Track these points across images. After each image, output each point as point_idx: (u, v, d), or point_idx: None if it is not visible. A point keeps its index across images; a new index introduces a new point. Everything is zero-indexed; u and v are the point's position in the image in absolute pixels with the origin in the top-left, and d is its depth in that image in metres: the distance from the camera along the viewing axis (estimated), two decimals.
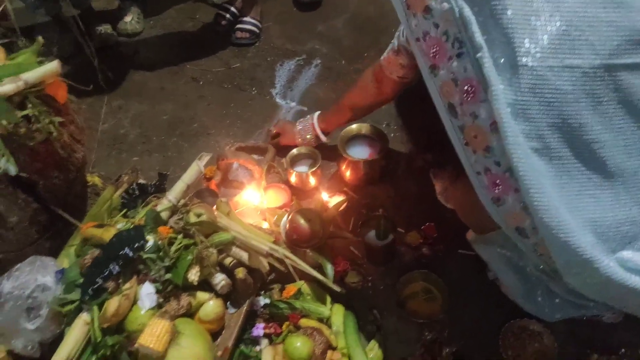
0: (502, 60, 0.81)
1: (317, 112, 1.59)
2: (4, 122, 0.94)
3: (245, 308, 1.23)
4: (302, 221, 1.28)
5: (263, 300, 1.31)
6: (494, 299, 1.28)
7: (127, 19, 2.29)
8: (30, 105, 0.98)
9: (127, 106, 2.00)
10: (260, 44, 2.22)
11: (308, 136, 1.59)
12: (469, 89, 0.83)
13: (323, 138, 1.58)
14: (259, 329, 1.26)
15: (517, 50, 0.79)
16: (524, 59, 0.79)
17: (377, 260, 1.40)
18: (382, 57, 1.30)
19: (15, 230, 1.06)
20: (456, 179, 1.09)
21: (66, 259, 1.10)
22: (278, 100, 1.97)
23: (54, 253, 1.13)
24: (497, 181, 0.86)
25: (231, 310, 1.23)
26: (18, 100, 0.97)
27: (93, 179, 1.34)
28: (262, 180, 1.56)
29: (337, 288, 1.19)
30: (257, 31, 2.23)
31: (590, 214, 0.84)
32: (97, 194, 1.34)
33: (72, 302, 1.03)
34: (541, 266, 1.06)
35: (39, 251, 1.11)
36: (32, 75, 0.99)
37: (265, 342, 1.26)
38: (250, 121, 1.88)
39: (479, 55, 0.80)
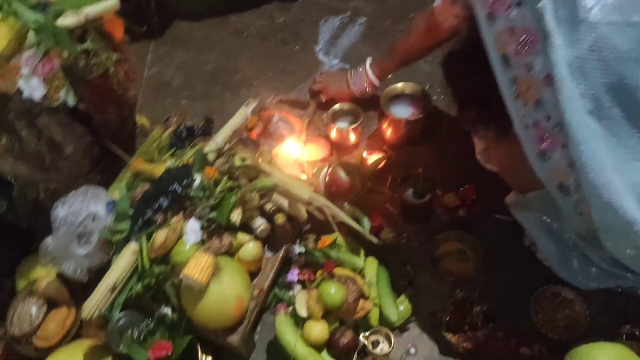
0: (563, 13, 0.79)
1: (369, 59, 1.58)
2: (65, 54, 0.97)
3: (281, 253, 1.27)
4: (342, 174, 1.30)
5: (298, 248, 1.34)
6: (528, 264, 1.28)
7: None
8: (89, 40, 1.00)
9: (172, 53, 2.02)
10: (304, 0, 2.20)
11: (360, 84, 1.57)
12: (526, 39, 0.81)
13: (377, 83, 1.57)
14: (293, 275, 1.30)
15: (579, 4, 0.77)
16: (586, 14, 0.77)
17: (413, 218, 1.41)
18: (435, 4, 1.28)
19: (70, 160, 1.11)
20: (501, 136, 1.08)
21: (116, 192, 1.15)
22: (321, 56, 1.95)
23: (104, 186, 1.17)
24: (545, 136, 0.85)
25: (268, 254, 1.27)
26: (78, 33, 0.99)
27: (142, 119, 1.38)
28: (302, 133, 1.57)
29: (374, 239, 1.21)
30: None
31: (637, 177, 0.83)
32: (144, 135, 1.38)
33: (122, 232, 1.08)
34: (580, 231, 1.05)
35: (90, 183, 1.15)
36: (93, 9, 1.01)
37: (298, 287, 1.30)
38: (292, 75, 1.88)
39: (539, 5, 0.79)
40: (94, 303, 1.04)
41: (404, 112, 1.53)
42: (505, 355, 1.17)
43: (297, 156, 1.51)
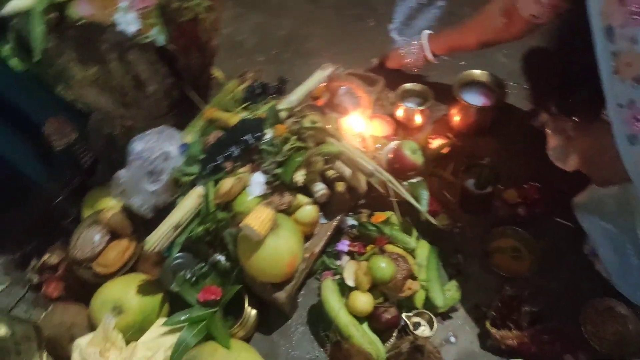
0: None
1: (427, 32, 1.53)
2: None
3: (336, 221, 1.28)
4: (408, 152, 1.29)
5: (351, 221, 1.35)
6: (585, 273, 1.25)
7: None
8: None
9: (247, 15, 2.04)
10: None
11: (413, 55, 1.54)
12: (637, 9, 0.78)
13: (431, 57, 1.54)
14: (344, 245, 1.31)
15: None
16: None
17: (471, 208, 1.39)
18: None
19: (150, 99, 1.15)
20: (586, 124, 1.04)
21: (190, 136, 1.18)
22: (394, 35, 1.93)
23: (178, 129, 1.21)
24: (639, 116, 0.82)
25: (323, 220, 1.28)
26: None
27: (217, 72, 1.40)
28: (368, 108, 1.56)
29: (432, 219, 1.20)
30: None
31: None
32: (217, 87, 1.41)
33: (190, 174, 1.11)
34: None
35: (165, 125, 1.19)
36: None
37: (346, 258, 1.31)
38: (364, 51, 1.86)
39: None
40: (157, 238, 1.08)
41: (476, 99, 1.49)
42: (548, 359, 1.15)
43: (360, 130, 1.50)
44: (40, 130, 1.34)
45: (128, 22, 0.97)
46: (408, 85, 1.56)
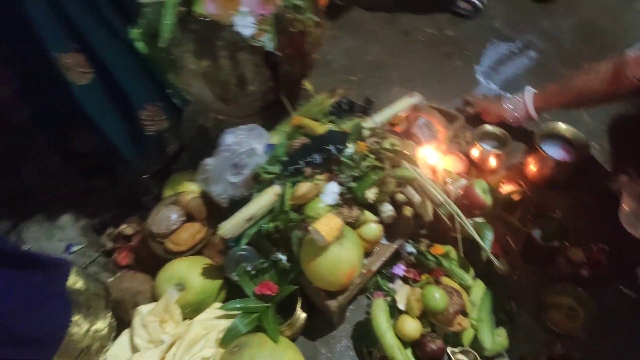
0: None
1: (531, 89, 1.55)
2: (281, 3, 1.08)
3: (396, 245, 1.31)
4: (478, 190, 1.30)
5: (410, 247, 1.38)
6: None
7: None
8: None
9: (341, 38, 2.14)
10: (478, 19, 2.21)
11: (518, 111, 1.54)
12: None
13: (534, 115, 1.54)
14: (399, 269, 1.34)
15: None
16: None
17: (533, 258, 1.38)
18: (628, 53, 1.23)
19: (248, 98, 1.24)
20: None
21: (276, 137, 1.26)
22: (480, 77, 1.96)
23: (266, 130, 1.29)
24: None
25: (384, 241, 1.32)
26: None
27: (308, 84, 1.49)
28: (444, 143, 1.59)
29: (494, 260, 1.21)
30: (481, 7, 2.22)
31: None
32: (305, 98, 1.50)
33: (271, 173, 1.19)
34: None
35: (256, 124, 1.27)
36: None
37: (399, 282, 1.34)
38: (447, 88, 1.91)
39: None
40: (231, 226, 1.15)
41: (555, 153, 1.49)
42: None
43: (433, 162, 1.53)
44: (137, 113, 1.47)
45: (245, 25, 1.07)
46: (488, 127, 1.58)
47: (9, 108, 1.69)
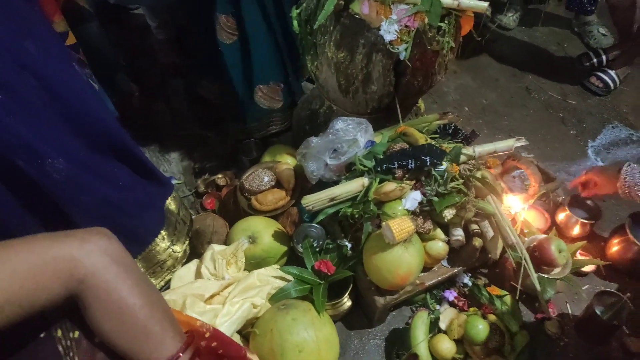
0: None
1: None
2: (427, 21, 1.19)
3: (455, 270, 1.35)
4: (553, 247, 1.32)
5: (467, 279, 1.41)
6: None
7: (509, 14, 2.48)
8: (447, 21, 1.21)
9: (460, 75, 2.22)
10: (605, 99, 2.18)
11: (634, 184, 1.36)
12: None
13: None
14: (451, 294, 1.38)
15: None
16: None
17: (587, 332, 1.35)
18: None
19: (366, 96, 1.35)
20: None
21: (379, 137, 1.37)
22: (589, 152, 1.94)
23: None
24: None
25: (444, 263, 1.37)
26: (443, 13, 1.21)
27: (421, 103, 1.58)
28: (532, 198, 1.60)
29: (548, 312, 1.21)
30: (612, 88, 2.19)
31: None
32: (415, 114, 1.59)
33: (365, 166, 1.29)
34: None
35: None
36: (468, 2, 1.21)
37: (445, 306, 1.37)
38: (553, 150, 1.91)
39: None
40: (314, 200, 1.26)
41: None
42: None
43: (516, 211, 1.56)
44: (259, 85, 1.64)
45: (389, 32, 1.19)
46: (583, 196, 1.57)
47: (162, 51, 1.96)
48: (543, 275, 1.32)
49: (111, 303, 0.64)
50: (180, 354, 0.66)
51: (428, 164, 1.22)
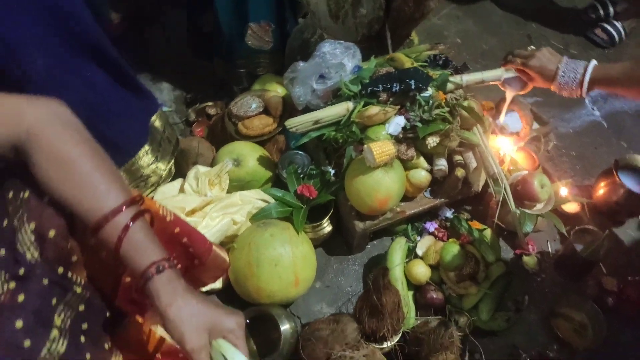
0: None
1: (594, 62, 1.23)
2: None
3: (437, 202, 1.35)
4: (536, 182, 1.31)
5: (449, 212, 1.42)
6: None
7: None
8: None
9: (462, 19, 2.17)
10: (608, 52, 2.13)
11: (568, 80, 1.24)
12: None
13: (583, 93, 1.23)
14: (432, 225, 1.39)
15: None
16: None
17: (566, 269, 1.36)
18: None
19: (356, 21, 1.33)
20: None
21: (367, 64, 1.35)
22: (587, 101, 1.91)
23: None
24: None
25: (427, 194, 1.37)
26: None
27: (414, 35, 1.56)
28: (523, 140, 1.59)
29: (527, 247, 1.22)
30: (617, 41, 2.14)
31: None
32: (407, 46, 1.57)
33: (349, 91, 1.28)
34: None
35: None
36: None
37: (426, 237, 1.38)
38: (548, 97, 1.85)
39: None
40: (298, 122, 1.26)
41: (631, 184, 1.44)
42: None
43: (503, 151, 1.55)
44: (249, 23, 1.60)
45: None
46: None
47: None
48: (524, 210, 1.32)
49: (55, 153, 0.65)
50: (124, 207, 0.66)
51: (413, 87, 1.20)
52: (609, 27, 2.14)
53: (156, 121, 1.34)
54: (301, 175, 1.37)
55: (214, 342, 0.66)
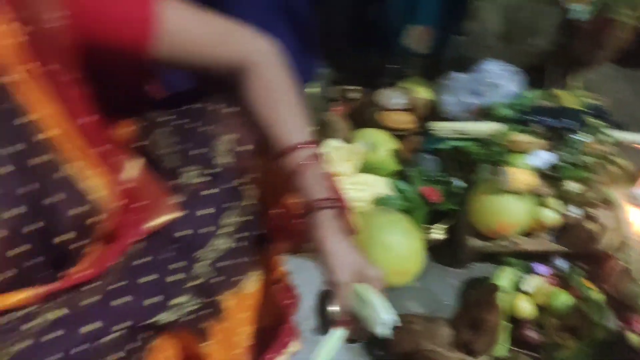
0: None
1: None
2: None
3: (557, 247, 1.32)
4: None
5: (564, 264, 1.37)
6: None
7: None
8: None
9: (618, 81, 2.08)
10: None
11: None
12: None
13: None
14: (543, 269, 1.34)
15: None
16: None
17: None
18: None
19: (526, 47, 1.34)
20: None
21: (526, 92, 1.36)
22: None
23: None
24: None
25: (547, 236, 1.34)
26: None
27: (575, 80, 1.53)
28: None
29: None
30: None
31: None
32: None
33: (500, 114, 1.29)
34: None
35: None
36: None
37: (536, 277, 1.34)
38: None
39: None
40: (443, 126, 1.31)
41: None
42: None
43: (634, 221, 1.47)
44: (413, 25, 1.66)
45: None
46: None
47: None
48: None
49: (270, 81, 0.74)
50: (314, 144, 0.73)
51: (568, 127, 1.20)
52: None
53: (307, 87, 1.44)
54: (427, 178, 1.40)
55: (356, 285, 0.71)
